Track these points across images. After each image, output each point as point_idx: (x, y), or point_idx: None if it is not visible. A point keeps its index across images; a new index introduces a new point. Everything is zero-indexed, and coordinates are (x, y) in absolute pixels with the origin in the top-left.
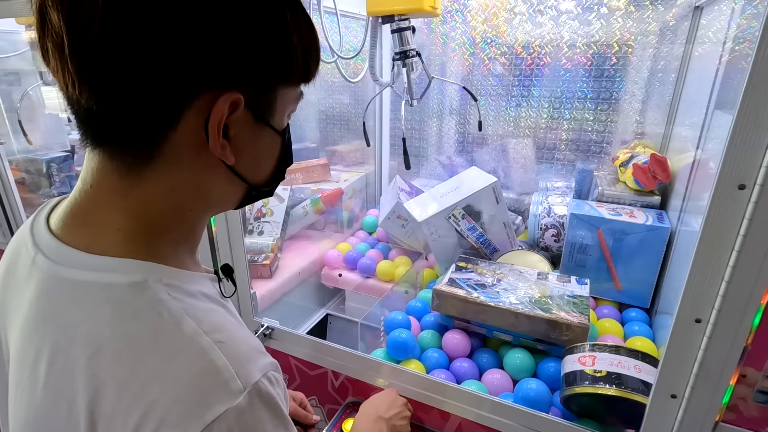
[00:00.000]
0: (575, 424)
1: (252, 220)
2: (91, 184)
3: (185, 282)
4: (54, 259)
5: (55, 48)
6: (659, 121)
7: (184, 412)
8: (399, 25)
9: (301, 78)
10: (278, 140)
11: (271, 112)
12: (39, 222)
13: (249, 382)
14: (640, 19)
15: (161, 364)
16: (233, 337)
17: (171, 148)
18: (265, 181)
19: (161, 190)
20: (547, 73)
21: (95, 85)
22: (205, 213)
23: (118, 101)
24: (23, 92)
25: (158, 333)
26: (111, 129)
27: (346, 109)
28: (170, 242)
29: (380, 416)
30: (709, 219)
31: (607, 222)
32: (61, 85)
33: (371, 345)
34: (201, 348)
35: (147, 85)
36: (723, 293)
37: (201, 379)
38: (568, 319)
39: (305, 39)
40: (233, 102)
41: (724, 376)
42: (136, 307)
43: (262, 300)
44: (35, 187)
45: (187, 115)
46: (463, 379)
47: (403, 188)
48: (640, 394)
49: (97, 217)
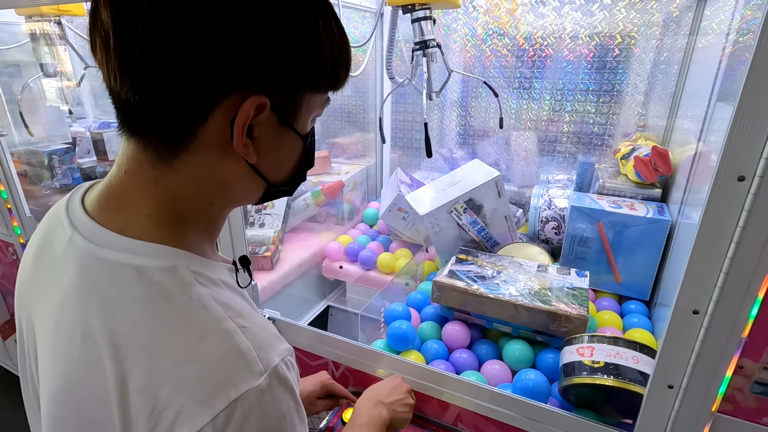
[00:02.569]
0: (573, 414)
1: (253, 212)
2: (126, 170)
3: (209, 270)
4: (91, 239)
5: (102, 43)
6: (661, 114)
7: (211, 388)
8: (419, 15)
9: (330, 85)
10: (300, 143)
11: (295, 117)
12: (74, 203)
13: (269, 366)
14: (644, 10)
15: (191, 344)
16: (255, 323)
17: (199, 142)
18: (284, 181)
19: (188, 181)
20: (550, 65)
21: (135, 79)
22: (226, 207)
23: (155, 95)
24: (24, 84)
25: (188, 315)
26: (146, 120)
27: (347, 101)
28: (194, 232)
29: (381, 401)
30: (708, 210)
31: (608, 214)
32: (105, 77)
33: (371, 336)
34: (227, 331)
35: (181, 82)
36: (721, 284)
37: (227, 360)
38: (567, 310)
39: (336, 48)
40: (259, 105)
41: (721, 367)
42: (168, 290)
43: (263, 291)
44: (37, 179)
45: (216, 114)
46: (462, 369)
47: (404, 181)
48: (638, 384)
49: (130, 202)
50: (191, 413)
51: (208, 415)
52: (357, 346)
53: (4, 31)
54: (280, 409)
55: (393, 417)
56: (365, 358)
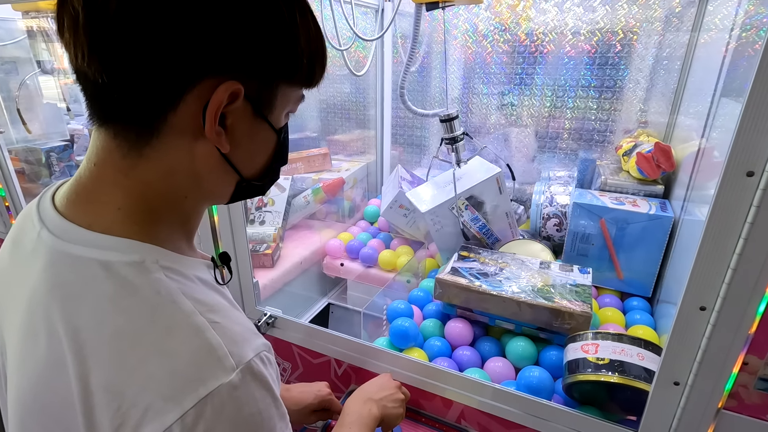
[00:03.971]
0: (577, 411)
1: (253, 210)
2: (95, 162)
3: (181, 265)
4: (58, 235)
5: (71, 21)
6: (663, 110)
7: (179, 386)
8: (448, 115)
9: (305, 81)
10: (274, 137)
11: (270, 109)
12: (45, 199)
13: (242, 361)
14: (646, 6)
15: (159, 340)
16: (227, 318)
17: (170, 130)
18: (256, 176)
19: (160, 172)
20: (551, 60)
21: (104, 58)
22: (199, 202)
23: (124, 76)
24: (21, 81)
25: (156, 310)
26: (116, 105)
27: (347, 99)
28: (167, 227)
29: (370, 398)
30: (716, 206)
31: (610, 211)
32: (71, 57)
33: (373, 334)
34: (197, 326)
35: (153, 63)
36: (729, 281)
37: (196, 356)
38: (570, 307)
39: (313, 43)
40: (233, 92)
41: (728, 364)
42: (135, 285)
43: (264, 289)
44: (35, 177)
45: (188, 98)
46: (465, 367)
47: (405, 178)
48: (643, 381)
49: (99, 195)
50: (158, 411)
51: (175, 412)
52: (360, 343)
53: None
54: (255, 406)
55: (384, 413)
56: (368, 356)
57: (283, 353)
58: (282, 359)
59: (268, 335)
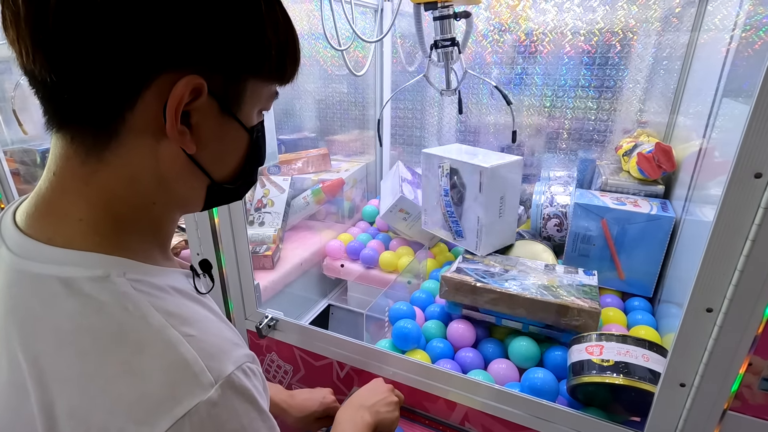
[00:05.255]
0: (582, 413)
1: (252, 211)
2: (54, 171)
3: (153, 276)
4: (16, 252)
5: (12, 16)
6: (662, 110)
7: (152, 407)
8: (442, 12)
9: (276, 75)
10: (245, 136)
11: (238, 106)
12: (7, 215)
13: (221, 375)
14: (645, 6)
15: (128, 359)
16: (204, 330)
17: (129, 131)
18: (229, 178)
19: (122, 177)
20: (550, 60)
21: (49, 53)
22: (169, 208)
23: (73, 72)
24: (15, 82)
25: (124, 327)
26: (68, 106)
27: (346, 99)
28: (136, 236)
29: (362, 405)
30: (723, 208)
31: (612, 211)
32: (18, 57)
33: (375, 336)
34: (169, 341)
35: (102, 57)
36: (736, 282)
37: (169, 374)
38: (579, 303)
39: (282, 35)
40: (195, 87)
41: (734, 365)
42: (100, 302)
43: (264, 291)
44: (31, 178)
45: (146, 96)
46: (468, 368)
47: (405, 178)
48: (648, 383)
49: (60, 207)
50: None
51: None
52: (362, 345)
53: None
54: (238, 422)
55: (377, 419)
56: (370, 358)
57: (285, 356)
58: (283, 362)
59: (270, 337)
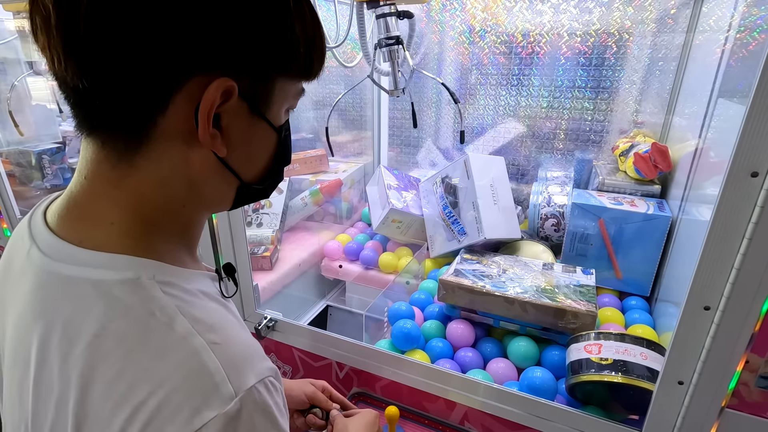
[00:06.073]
0: (581, 411)
1: (251, 212)
2: (85, 175)
3: (182, 280)
4: (47, 253)
5: (43, 22)
6: (658, 110)
7: (171, 415)
8: (384, 11)
9: (303, 72)
10: (274, 136)
11: (267, 105)
12: (37, 215)
13: (242, 388)
14: (641, 7)
15: (150, 364)
16: (230, 339)
17: (160, 135)
18: (258, 179)
19: (153, 181)
20: (546, 61)
21: (81, 60)
22: (199, 210)
23: (105, 79)
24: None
25: (149, 332)
26: (100, 112)
27: (344, 99)
28: (165, 238)
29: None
30: (720, 207)
31: (609, 211)
32: (49, 63)
33: (375, 336)
34: (193, 349)
35: (134, 62)
36: (733, 281)
37: (191, 382)
38: (575, 307)
39: (309, 31)
40: (226, 89)
41: (732, 363)
42: (128, 305)
43: (262, 292)
44: (27, 180)
45: (177, 100)
46: (467, 368)
47: (390, 185)
48: (647, 381)
49: (92, 210)
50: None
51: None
52: (362, 346)
53: None
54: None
55: None
56: (370, 358)
57: (284, 356)
58: (283, 363)
59: (269, 338)
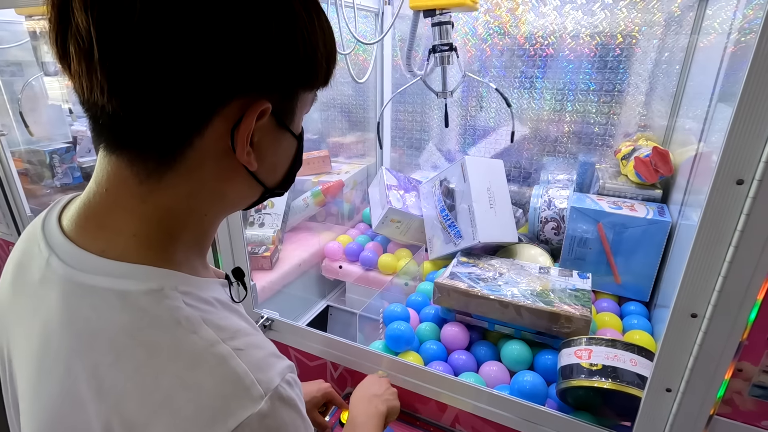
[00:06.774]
0: (571, 417)
1: (252, 212)
2: (107, 188)
3: (199, 289)
4: (69, 263)
5: (81, 52)
6: (663, 114)
7: (208, 419)
8: (440, 19)
9: (323, 82)
10: (294, 144)
11: (291, 118)
12: (51, 221)
13: (270, 388)
14: (645, 10)
15: (184, 373)
16: (250, 344)
17: (195, 153)
18: (278, 184)
19: (180, 195)
20: (551, 64)
21: (126, 93)
22: (218, 216)
23: (149, 108)
24: (25, 83)
25: (178, 342)
26: (134, 134)
27: (347, 101)
28: (183, 249)
29: (374, 394)
30: (706, 214)
31: (608, 215)
32: (83, 90)
33: (370, 336)
34: (221, 356)
35: (179, 91)
36: (719, 288)
37: (223, 387)
38: (569, 311)
39: (329, 43)
40: (262, 110)
41: (719, 371)
42: (155, 316)
43: (262, 291)
44: (38, 179)
45: (215, 122)
46: (460, 371)
47: (391, 185)
48: (636, 387)
49: (113, 222)
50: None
51: None
52: (355, 346)
53: (5, 30)
54: (285, 431)
55: (387, 407)
56: (364, 359)
57: None
58: None
59: None
